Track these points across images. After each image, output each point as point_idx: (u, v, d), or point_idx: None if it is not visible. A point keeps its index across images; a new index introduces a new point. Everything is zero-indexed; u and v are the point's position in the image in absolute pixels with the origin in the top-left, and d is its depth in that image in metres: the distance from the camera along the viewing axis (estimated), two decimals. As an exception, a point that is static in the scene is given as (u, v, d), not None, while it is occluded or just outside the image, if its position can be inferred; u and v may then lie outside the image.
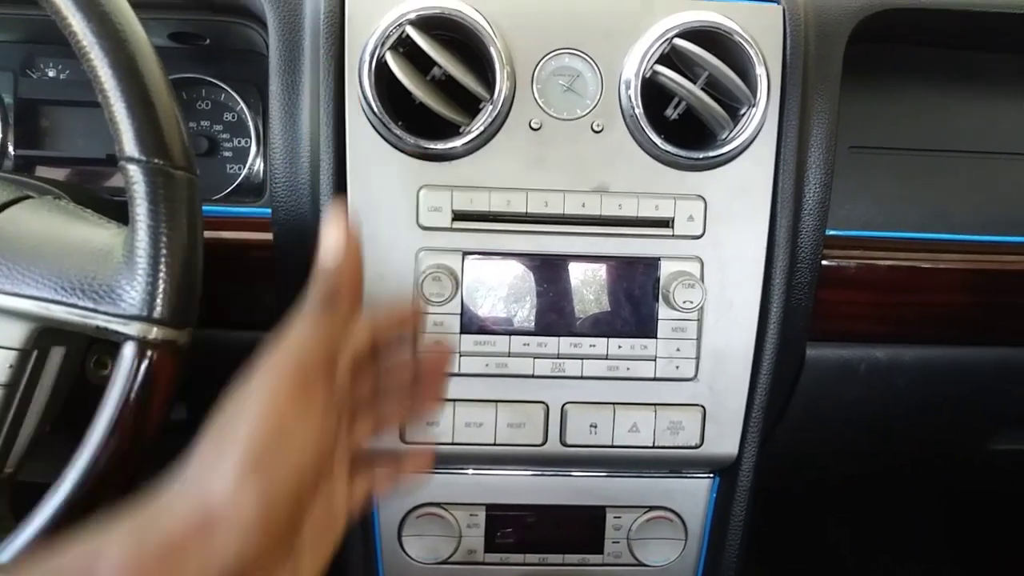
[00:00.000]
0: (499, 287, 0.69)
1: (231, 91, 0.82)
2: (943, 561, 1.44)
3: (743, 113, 0.66)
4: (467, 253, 0.68)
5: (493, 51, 0.64)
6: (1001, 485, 1.23)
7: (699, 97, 0.64)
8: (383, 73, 0.64)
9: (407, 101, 0.63)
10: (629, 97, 0.65)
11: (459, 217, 0.67)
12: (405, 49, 0.64)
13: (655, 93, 0.66)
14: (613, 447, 0.72)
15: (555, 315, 0.69)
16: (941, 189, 0.79)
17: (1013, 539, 1.39)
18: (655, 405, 0.71)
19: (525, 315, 0.69)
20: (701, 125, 0.67)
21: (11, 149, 0.82)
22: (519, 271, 0.69)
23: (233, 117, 0.83)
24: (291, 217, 0.68)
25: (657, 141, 0.65)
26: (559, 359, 0.70)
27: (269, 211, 0.69)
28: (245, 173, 0.83)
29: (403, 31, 0.62)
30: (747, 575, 0.81)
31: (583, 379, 0.71)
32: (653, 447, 0.72)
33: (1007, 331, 0.81)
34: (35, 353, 0.52)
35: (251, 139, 0.83)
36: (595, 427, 0.71)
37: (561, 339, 0.70)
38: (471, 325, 0.69)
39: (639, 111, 0.65)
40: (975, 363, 0.81)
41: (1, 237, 0.51)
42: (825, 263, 0.73)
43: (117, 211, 0.56)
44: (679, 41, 0.64)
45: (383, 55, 0.63)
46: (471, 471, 0.77)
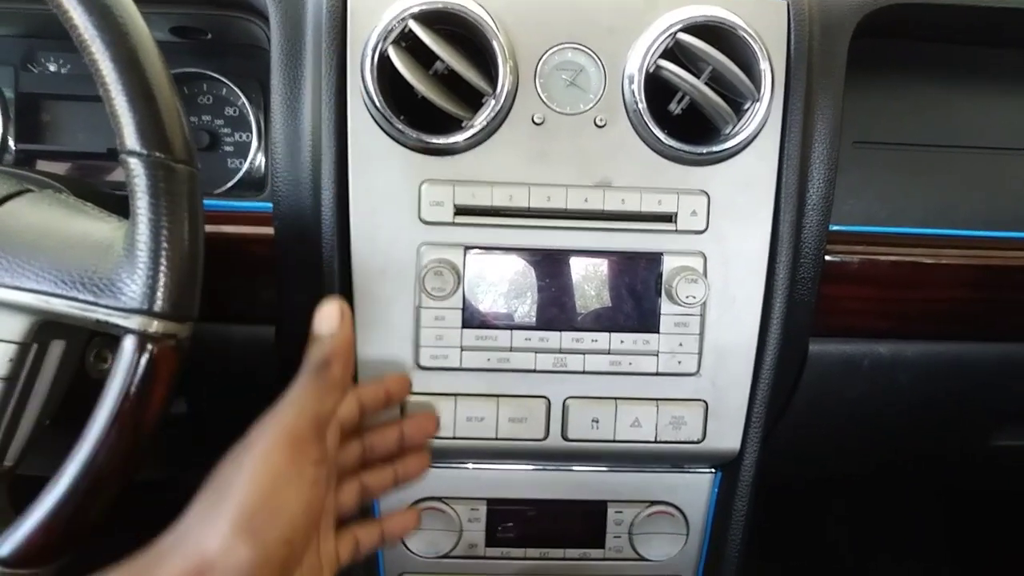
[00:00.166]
0: (501, 282, 0.68)
1: (232, 86, 0.82)
2: (943, 559, 1.45)
3: (747, 108, 0.66)
4: (469, 248, 0.68)
5: (496, 45, 0.63)
6: (1002, 482, 1.23)
7: (703, 92, 0.64)
8: (385, 67, 0.63)
9: (409, 95, 0.63)
10: (632, 92, 0.65)
11: (461, 212, 0.67)
12: (407, 43, 0.63)
13: (658, 88, 0.65)
14: (615, 442, 0.72)
15: (557, 310, 0.69)
16: (945, 184, 0.78)
17: (1013, 538, 1.39)
18: (657, 400, 0.71)
19: (527, 310, 0.69)
20: (705, 120, 0.66)
21: (12, 143, 0.82)
22: (521, 266, 0.68)
23: (234, 112, 0.83)
24: (292, 212, 0.68)
25: (660, 136, 0.65)
26: (561, 354, 0.70)
27: (270, 206, 0.69)
28: (246, 168, 0.82)
29: (405, 25, 0.62)
30: (748, 570, 0.81)
31: (585, 374, 0.70)
32: (655, 442, 0.72)
33: (1010, 327, 0.81)
34: (35, 347, 0.52)
35: (252, 134, 0.83)
36: (597, 422, 0.71)
37: (563, 334, 0.69)
38: (473, 320, 0.68)
39: (642, 106, 0.65)
40: (978, 359, 0.81)
41: (1, 230, 0.51)
42: (828, 258, 0.73)
43: (118, 205, 0.56)
44: (683, 35, 0.64)
45: (385, 49, 0.62)
46: (472, 465, 0.77)
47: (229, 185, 0.82)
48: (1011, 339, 0.81)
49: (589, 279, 0.69)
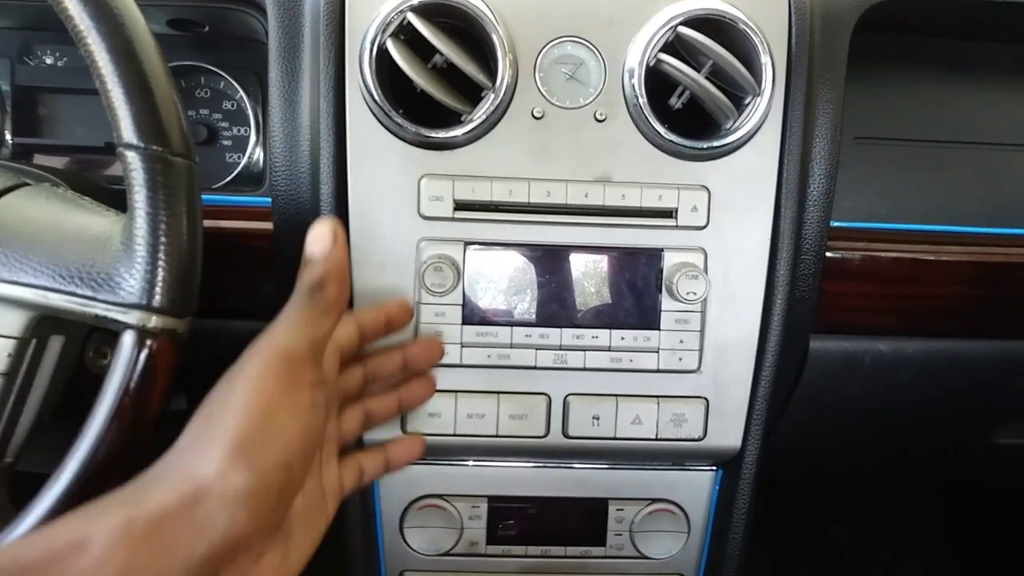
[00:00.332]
0: (501, 278, 0.68)
1: (230, 79, 0.82)
2: (944, 556, 1.45)
3: (748, 102, 0.65)
4: (469, 243, 0.67)
5: (495, 39, 0.63)
6: (1003, 480, 1.23)
7: (703, 86, 0.63)
8: (384, 61, 0.63)
9: (408, 89, 0.63)
10: (633, 86, 0.65)
11: (461, 207, 0.66)
12: (406, 36, 0.63)
13: (659, 82, 0.65)
14: (615, 439, 0.72)
15: (557, 306, 0.69)
16: (946, 181, 0.78)
17: (1014, 535, 1.39)
18: (658, 397, 0.71)
19: (527, 306, 0.69)
20: (705, 114, 0.66)
21: (8, 137, 0.82)
22: (521, 262, 0.68)
23: (232, 105, 0.82)
24: (291, 206, 0.68)
25: (661, 130, 0.65)
26: (561, 350, 0.69)
27: (269, 200, 0.69)
28: (244, 162, 0.82)
29: (404, 18, 0.62)
30: (749, 568, 0.81)
31: (585, 371, 0.70)
32: (656, 439, 0.72)
33: (1011, 324, 0.81)
34: (34, 342, 0.51)
35: (250, 128, 0.82)
36: (597, 419, 0.71)
37: (563, 330, 0.69)
38: (473, 316, 0.68)
39: (643, 100, 0.64)
40: (979, 356, 0.81)
41: (-1, 225, 0.51)
42: (829, 255, 0.73)
43: (115, 199, 0.56)
44: (683, 29, 0.63)
45: (384, 42, 0.62)
46: (473, 463, 0.76)
47: (227, 179, 0.82)
48: (1012, 336, 0.81)
49: (589, 275, 0.69)
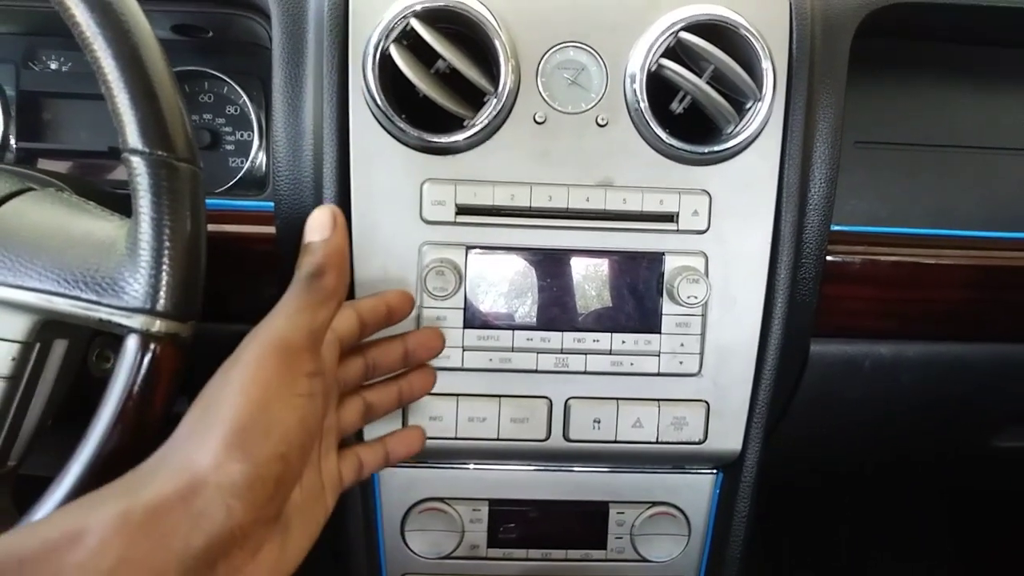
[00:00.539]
0: (502, 282, 0.68)
1: (234, 84, 0.82)
2: (945, 558, 1.45)
3: (749, 107, 0.66)
4: (470, 247, 0.68)
5: (498, 44, 0.63)
6: (1004, 483, 1.23)
7: (704, 91, 0.64)
8: (387, 66, 0.63)
9: (411, 94, 0.63)
10: (634, 91, 0.65)
11: (463, 211, 0.67)
12: (409, 42, 0.63)
13: (660, 87, 0.65)
14: (616, 442, 0.72)
15: (558, 310, 0.69)
16: (947, 185, 0.78)
17: (1015, 538, 1.39)
18: (659, 400, 0.71)
19: (528, 310, 0.69)
20: (706, 119, 0.66)
21: (13, 142, 0.82)
22: (523, 266, 0.68)
23: (236, 110, 0.83)
24: (294, 211, 0.68)
25: (662, 135, 0.65)
26: (563, 354, 0.70)
27: (272, 205, 0.69)
28: (248, 167, 0.82)
29: (407, 24, 0.62)
30: (750, 571, 0.81)
31: (586, 374, 0.70)
32: (656, 442, 0.72)
33: (1011, 328, 0.81)
34: (38, 346, 0.51)
35: (254, 132, 0.82)
36: (598, 422, 0.71)
37: (564, 334, 0.69)
38: (474, 320, 0.68)
39: (644, 105, 0.65)
40: (979, 360, 0.81)
41: (3, 229, 0.51)
42: (830, 259, 0.73)
43: (120, 204, 0.56)
44: (685, 35, 0.64)
45: (387, 48, 0.62)
46: (474, 466, 0.77)
47: (230, 184, 0.82)
48: (1013, 340, 0.81)
49: (590, 279, 0.69)
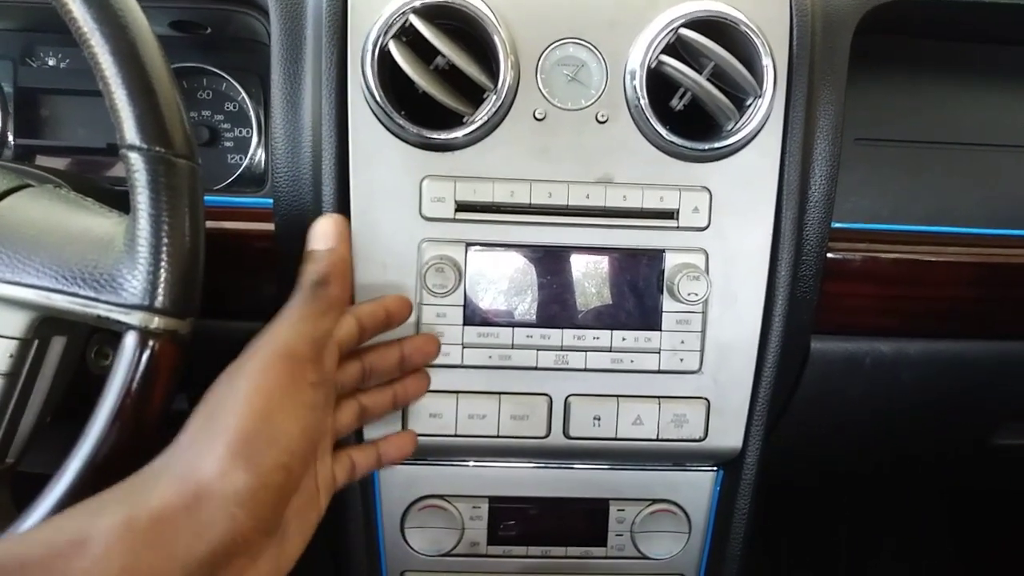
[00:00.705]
0: (502, 279, 0.68)
1: (232, 80, 0.82)
2: (945, 557, 1.45)
3: (749, 104, 0.66)
4: (470, 244, 0.67)
5: (497, 40, 0.63)
6: (1004, 481, 1.23)
7: (705, 88, 0.63)
8: (386, 62, 0.63)
9: (410, 90, 0.63)
10: (634, 87, 0.65)
11: (462, 208, 0.67)
12: (408, 38, 0.63)
13: (660, 83, 0.65)
14: (616, 440, 0.72)
15: (558, 307, 0.69)
16: (947, 182, 0.78)
17: (1016, 536, 1.39)
18: (659, 398, 0.71)
19: (528, 307, 0.69)
20: (706, 116, 0.66)
21: (11, 138, 0.82)
22: (522, 263, 0.68)
23: (234, 107, 0.83)
24: (293, 207, 0.68)
25: (662, 132, 0.65)
26: (563, 351, 0.69)
27: (271, 201, 0.69)
28: (246, 163, 0.82)
29: (406, 20, 0.62)
30: (750, 568, 0.81)
31: (587, 371, 0.70)
32: (657, 440, 0.72)
33: (1012, 325, 0.81)
34: (36, 343, 0.51)
35: (252, 129, 0.82)
36: (598, 420, 0.71)
37: (564, 331, 0.69)
38: (474, 317, 0.68)
39: (644, 102, 0.64)
40: (980, 357, 0.81)
41: (1, 226, 0.51)
42: (830, 256, 0.73)
43: (118, 200, 0.56)
44: (685, 31, 0.63)
45: (386, 44, 0.62)
46: (474, 463, 0.76)
47: (229, 181, 0.82)
48: (1013, 337, 0.81)
49: (591, 276, 0.69)
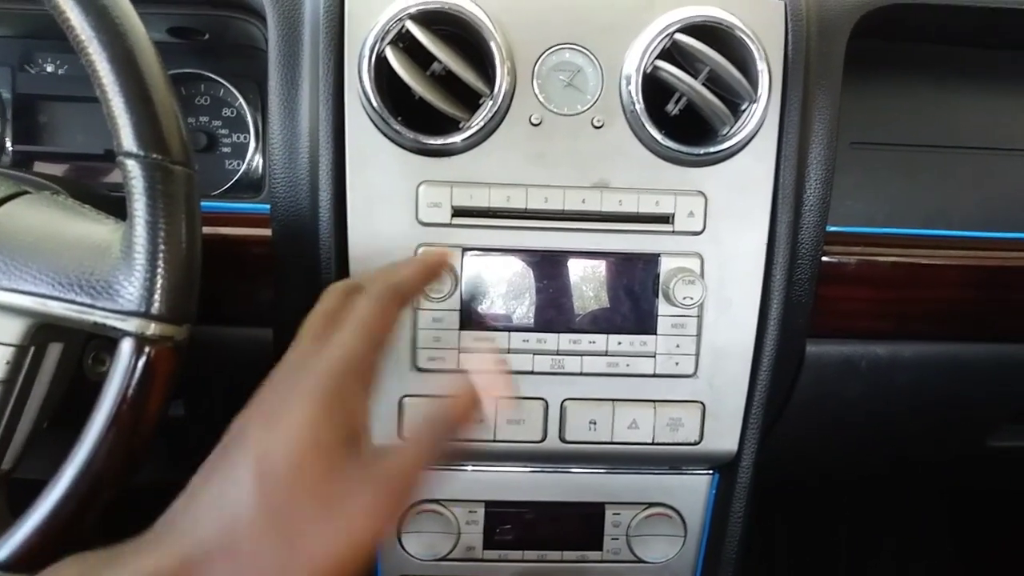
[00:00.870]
0: (499, 283, 0.68)
1: (230, 87, 0.82)
2: (945, 558, 1.45)
3: (744, 109, 0.66)
4: (467, 249, 0.68)
5: (493, 46, 0.63)
6: (1002, 482, 1.23)
7: (700, 92, 0.64)
8: (383, 68, 0.63)
9: (407, 96, 0.63)
10: (630, 92, 0.65)
11: (459, 213, 0.67)
12: (405, 44, 0.63)
13: (656, 88, 0.65)
14: (612, 444, 0.72)
15: (555, 311, 0.69)
16: (943, 185, 0.78)
17: (1015, 538, 1.39)
18: (654, 402, 0.71)
19: (524, 311, 0.69)
20: (702, 121, 0.66)
21: (9, 144, 0.82)
22: (519, 267, 0.68)
23: (232, 113, 0.83)
24: (290, 213, 0.68)
25: (658, 137, 0.65)
26: (558, 355, 0.70)
27: (268, 207, 0.69)
28: (244, 169, 0.82)
29: (403, 26, 0.62)
30: (746, 572, 0.81)
31: (582, 375, 0.70)
32: (652, 444, 0.72)
33: (1007, 327, 0.81)
34: (32, 349, 0.51)
35: (250, 135, 0.82)
36: (594, 423, 0.71)
37: (560, 335, 0.69)
38: (470, 321, 0.68)
39: (640, 106, 0.65)
40: (975, 359, 0.81)
41: (-1, 232, 0.51)
42: (826, 259, 0.73)
43: (115, 207, 0.56)
44: (680, 36, 0.64)
45: (383, 50, 0.62)
46: (470, 468, 0.76)
47: (227, 186, 0.82)
48: (1008, 340, 0.81)
49: (587, 280, 0.69)
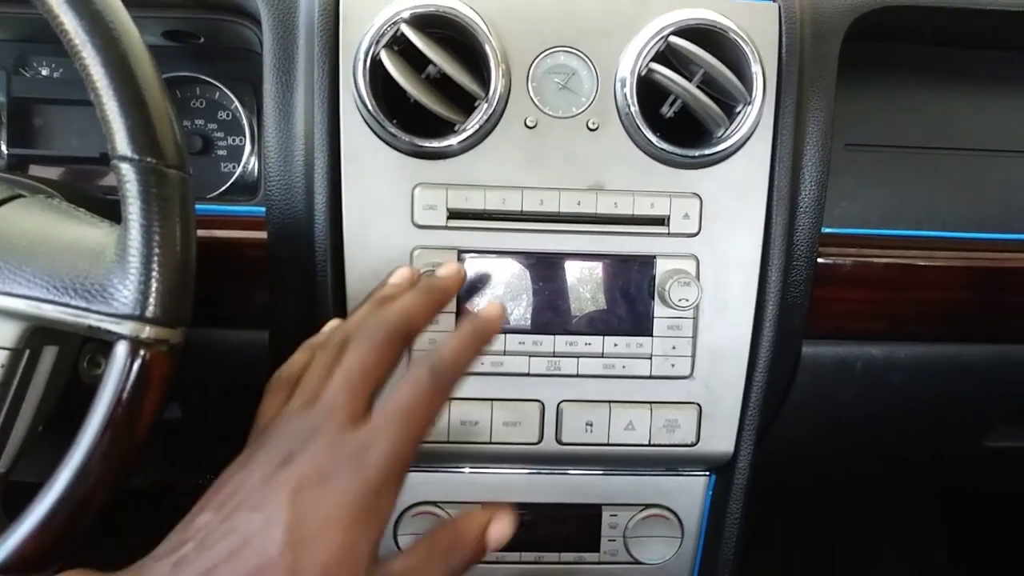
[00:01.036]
0: (494, 285, 0.68)
1: (225, 89, 0.82)
2: (940, 558, 1.45)
3: (739, 111, 0.66)
4: (462, 251, 0.68)
5: (488, 49, 0.63)
6: (997, 483, 1.24)
7: (695, 95, 0.64)
8: (378, 71, 0.63)
9: (402, 99, 0.63)
10: (625, 95, 0.65)
11: (454, 215, 0.67)
12: (400, 47, 0.63)
13: (651, 91, 0.66)
14: (609, 445, 0.72)
15: (551, 313, 0.69)
16: (937, 187, 0.79)
17: (1010, 538, 1.39)
18: (651, 403, 0.71)
19: (521, 313, 0.69)
20: (697, 123, 0.67)
21: (4, 148, 0.82)
22: (514, 269, 0.68)
23: (227, 115, 0.83)
24: (285, 216, 0.68)
25: (652, 139, 0.65)
26: (555, 357, 0.70)
27: (263, 210, 0.69)
28: (239, 172, 0.82)
29: (398, 29, 0.62)
30: (743, 573, 0.81)
31: (579, 377, 0.70)
32: (649, 445, 0.72)
33: (1002, 328, 0.81)
34: (27, 353, 0.51)
35: (245, 137, 0.82)
36: (591, 425, 0.71)
37: (557, 337, 0.69)
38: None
39: (635, 109, 0.65)
40: (970, 360, 0.81)
41: (-6, 236, 0.51)
42: (821, 261, 0.73)
43: (110, 210, 0.56)
44: (675, 39, 0.64)
45: (378, 53, 0.63)
46: (467, 469, 0.76)
47: (222, 189, 0.82)
48: (1003, 340, 0.81)
49: (582, 282, 0.69)
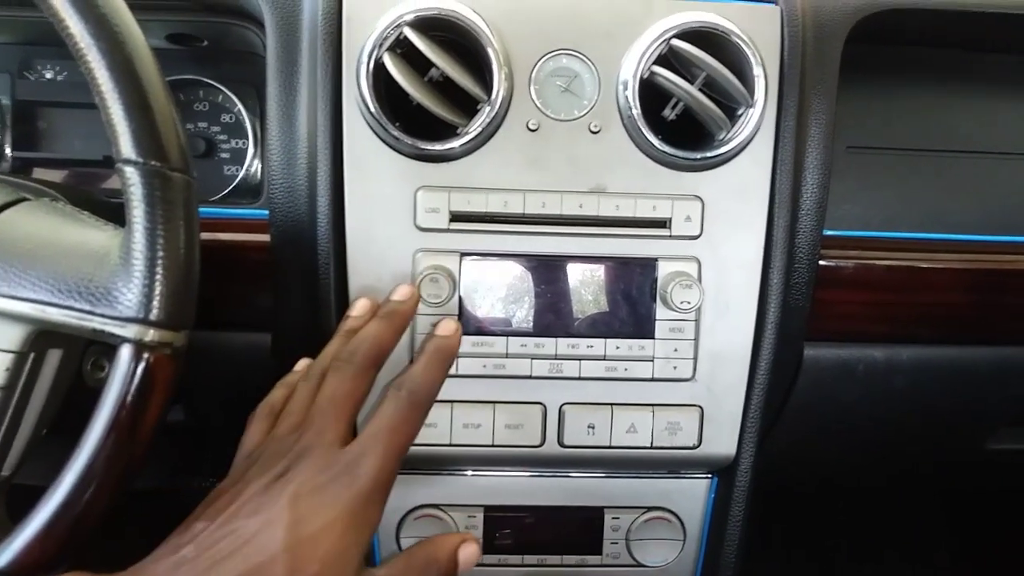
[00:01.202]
0: (497, 288, 0.69)
1: (229, 93, 0.82)
2: (943, 562, 1.45)
3: (740, 114, 0.66)
4: (464, 254, 0.68)
5: (491, 52, 0.64)
6: (999, 485, 1.23)
7: (697, 98, 0.64)
8: (381, 74, 0.63)
9: (405, 102, 0.63)
10: (627, 98, 0.65)
11: (456, 218, 0.67)
12: (403, 50, 0.63)
13: (653, 94, 0.66)
14: (611, 448, 0.72)
15: (553, 316, 0.69)
16: (939, 189, 0.79)
17: (1012, 540, 1.39)
18: (653, 406, 0.71)
19: (523, 316, 0.69)
20: (699, 126, 0.67)
21: (8, 151, 0.82)
22: (517, 272, 0.69)
23: (231, 118, 0.83)
24: (288, 219, 0.68)
25: (655, 142, 0.65)
26: (557, 360, 0.70)
27: (266, 212, 0.69)
28: (242, 175, 0.83)
29: (400, 32, 0.62)
30: (745, 575, 0.81)
31: (581, 380, 0.70)
32: (651, 448, 0.72)
33: (1005, 330, 0.81)
34: (32, 356, 0.52)
35: (248, 140, 0.83)
36: (593, 428, 0.71)
37: (559, 340, 0.69)
38: (469, 326, 0.69)
39: (637, 112, 0.65)
40: (973, 363, 0.81)
41: (-2, 239, 0.51)
42: (823, 263, 0.73)
43: (114, 213, 0.56)
44: (677, 42, 0.64)
45: (381, 56, 0.63)
46: (469, 472, 0.77)
47: (225, 192, 0.82)
48: (1006, 343, 0.81)
49: (584, 285, 0.69)
